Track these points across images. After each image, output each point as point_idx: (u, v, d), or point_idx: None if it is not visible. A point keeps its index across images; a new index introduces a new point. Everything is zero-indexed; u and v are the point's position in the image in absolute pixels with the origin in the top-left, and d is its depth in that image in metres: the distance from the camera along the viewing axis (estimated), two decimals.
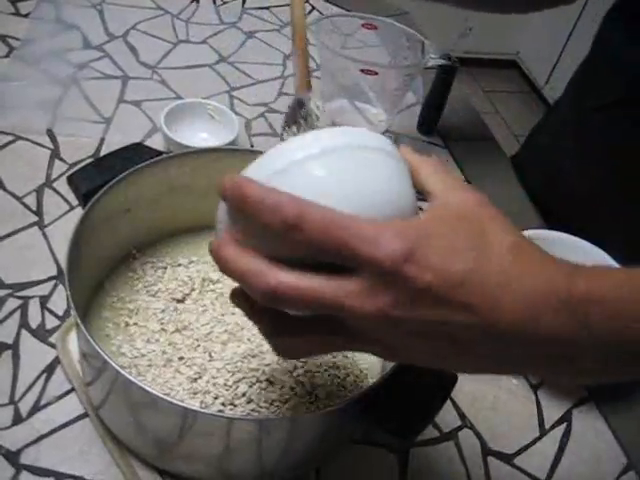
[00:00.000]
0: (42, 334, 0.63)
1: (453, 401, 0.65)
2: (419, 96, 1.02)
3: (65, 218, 0.74)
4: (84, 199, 0.56)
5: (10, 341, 0.62)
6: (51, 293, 0.66)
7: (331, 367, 0.59)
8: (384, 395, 0.48)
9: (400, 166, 0.39)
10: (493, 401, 0.67)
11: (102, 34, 1.03)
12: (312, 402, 0.56)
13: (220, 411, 0.53)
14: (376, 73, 0.87)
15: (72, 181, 0.59)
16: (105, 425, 0.56)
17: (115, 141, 0.84)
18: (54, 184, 0.78)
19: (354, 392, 0.58)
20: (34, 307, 0.65)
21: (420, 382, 0.49)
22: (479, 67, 2.90)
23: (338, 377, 0.59)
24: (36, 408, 0.57)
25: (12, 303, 0.65)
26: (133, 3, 1.11)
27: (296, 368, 0.58)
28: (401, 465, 0.60)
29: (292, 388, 0.56)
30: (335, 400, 0.57)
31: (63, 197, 0.76)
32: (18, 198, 0.75)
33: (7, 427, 0.56)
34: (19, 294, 0.65)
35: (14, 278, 0.67)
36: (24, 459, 0.54)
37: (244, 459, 0.51)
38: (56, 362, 0.61)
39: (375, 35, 0.92)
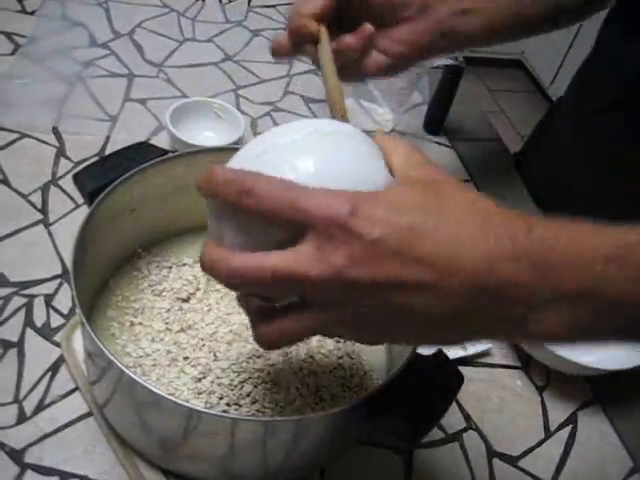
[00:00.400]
0: (47, 332, 0.63)
1: (458, 402, 0.65)
2: (425, 95, 1.02)
3: (70, 216, 0.74)
4: (90, 198, 0.56)
5: (15, 339, 0.62)
6: (56, 291, 0.66)
7: (336, 368, 0.59)
8: (389, 397, 0.48)
9: (368, 149, 0.39)
10: (498, 403, 0.67)
11: (108, 32, 1.03)
12: (317, 403, 0.56)
13: (225, 411, 0.53)
14: None
15: (78, 180, 0.59)
16: (109, 424, 0.55)
17: (120, 139, 0.84)
18: (59, 182, 0.78)
19: (359, 393, 0.58)
20: (39, 305, 0.65)
21: (425, 384, 0.49)
22: (485, 66, 2.89)
23: (343, 378, 0.59)
24: (40, 407, 0.57)
25: (17, 301, 0.65)
26: (139, 1, 1.11)
27: (301, 369, 0.57)
28: (406, 466, 0.60)
29: (297, 389, 0.56)
30: (340, 401, 0.57)
31: (68, 195, 0.76)
32: (23, 196, 0.75)
33: (12, 426, 0.56)
34: (24, 292, 0.65)
35: (19, 276, 0.67)
36: (28, 458, 0.54)
37: (248, 460, 0.51)
38: (61, 361, 0.61)
39: None
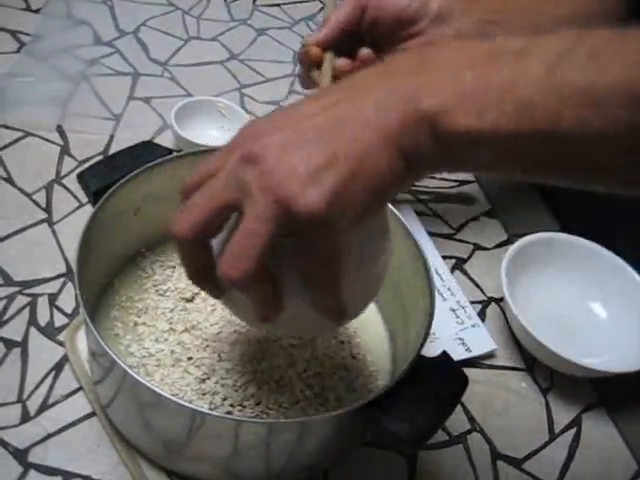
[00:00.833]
0: (51, 332, 0.63)
1: (462, 404, 0.65)
2: None
3: (74, 215, 0.74)
4: (94, 197, 0.56)
5: (19, 339, 0.62)
6: (60, 291, 0.66)
7: (340, 369, 0.59)
8: (394, 399, 0.47)
9: None
10: (502, 404, 0.66)
11: (113, 30, 1.03)
12: (321, 404, 0.55)
13: (229, 412, 0.53)
14: None
15: (82, 179, 0.59)
16: (113, 424, 0.55)
17: (125, 138, 0.84)
18: (63, 181, 0.77)
19: (363, 395, 0.58)
20: (43, 305, 0.65)
21: (430, 386, 0.48)
22: None
23: (347, 379, 0.58)
24: (44, 406, 0.57)
25: (21, 300, 0.64)
26: None
27: (306, 370, 0.57)
28: (410, 468, 0.59)
29: (301, 390, 0.56)
30: (344, 403, 0.56)
31: (72, 194, 0.76)
32: (28, 194, 0.75)
33: (15, 425, 0.56)
34: (28, 291, 0.65)
35: (23, 275, 0.67)
36: (32, 457, 0.54)
37: (252, 461, 0.51)
38: (64, 360, 0.61)
39: None
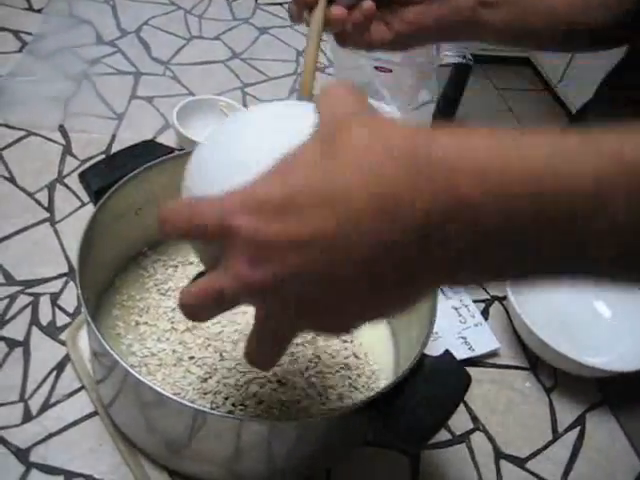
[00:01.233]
0: (52, 331, 0.63)
1: (465, 403, 0.65)
2: (434, 94, 1.01)
3: (76, 214, 0.74)
4: (95, 196, 0.56)
5: (21, 338, 0.62)
6: (62, 290, 0.66)
7: (343, 368, 0.59)
8: (396, 398, 0.47)
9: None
10: (506, 404, 0.66)
11: (115, 30, 1.03)
12: (323, 403, 0.55)
13: (230, 412, 0.53)
14: (390, 70, 0.86)
15: (83, 178, 0.59)
16: (115, 424, 0.55)
17: (127, 137, 0.84)
18: (65, 180, 0.77)
19: (365, 394, 0.58)
20: (45, 304, 0.65)
21: (433, 385, 0.48)
22: (492, 64, 2.88)
23: (350, 378, 0.58)
24: (46, 406, 0.57)
25: (23, 300, 0.64)
26: None
27: (308, 369, 0.57)
28: (412, 468, 0.59)
29: (303, 389, 0.56)
30: (346, 402, 0.56)
31: (74, 193, 0.76)
32: (30, 194, 0.75)
33: (17, 424, 0.56)
34: (30, 291, 0.65)
35: (25, 275, 0.67)
36: (34, 457, 0.54)
37: (254, 460, 0.50)
38: (66, 360, 0.61)
39: None
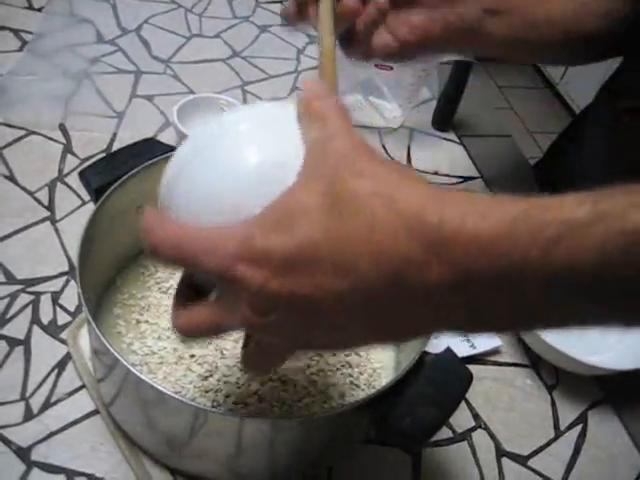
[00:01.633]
0: (53, 330, 0.63)
1: (467, 401, 0.64)
2: (434, 91, 1.01)
3: (77, 213, 0.74)
4: (96, 195, 0.56)
5: (22, 337, 0.61)
6: (63, 289, 0.66)
7: (344, 366, 0.59)
8: (397, 395, 0.47)
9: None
10: (507, 401, 0.66)
11: (115, 28, 1.03)
12: (325, 401, 0.55)
13: (232, 410, 0.53)
14: (391, 68, 0.86)
15: (84, 176, 0.58)
16: (116, 422, 0.55)
17: (127, 136, 0.84)
18: (66, 179, 0.77)
19: (367, 391, 0.58)
20: (45, 303, 0.64)
21: (434, 383, 0.48)
22: (493, 62, 2.88)
23: (351, 376, 0.58)
24: (47, 404, 0.57)
25: (24, 299, 0.64)
26: None
27: (309, 367, 0.57)
28: (414, 465, 0.59)
29: (305, 387, 0.55)
30: (348, 399, 0.56)
31: (75, 192, 0.76)
32: (30, 193, 0.75)
33: (18, 423, 0.56)
34: (30, 290, 0.65)
35: (26, 273, 0.66)
36: (35, 456, 0.54)
37: (255, 458, 0.50)
38: (67, 358, 0.60)
39: None
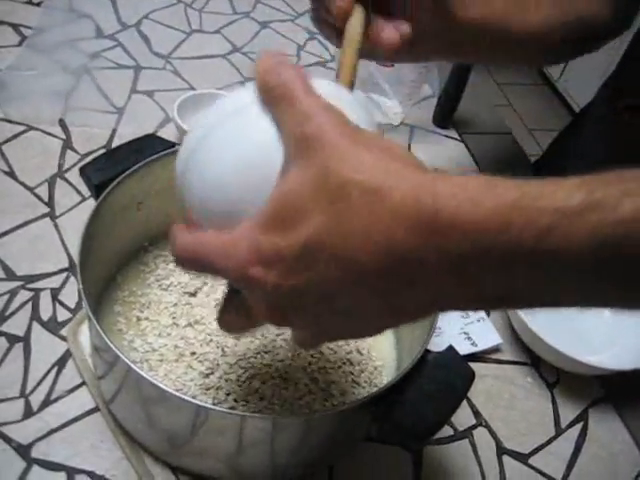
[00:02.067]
0: (53, 327, 0.62)
1: (468, 399, 0.64)
2: (435, 88, 1.01)
3: (77, 209, 0.73)
4: (96, 191, 0.55)
5: (21, 334, 0.61)
6: (62, 285, 0.66)
7: (345, 363, 0.58)
8: (399, 394, 0.47)
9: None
10: (508, 399, 0.66)
11: (115, 23, 1.02)
12: (326, 399, 0.55)
13: (232, 407, 0.53)
14: (392, 65, 0.86)
15: (84, 172, 0.58)
16: (117, 420, 0.55)
17: (127, 132, 0.83)
18: (66, 175, 0.77)
19: (368, 389, 0.58)
20: (45, 299, 0.64)
21: (436, 381, 0.48)
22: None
23: (352, 374, 0.58)
24: (47, 402, 0.57)
25: (23, 295, 0.64)
26: None
27: (310, 364, 0.57)
28: (415, 463, 0.59)
29: (306, 385, 0.55)
30: (349, 397, 0.56)
31: (75, 188, 0.76)
32: (30, 188, 0.75)
33: (18, 420, 0.55)
34: (30, 286, 0.65)
35: (25, 270, 0.66)
36: (35, 453, 0.54)
37: (256, 456, 0.50)
38: (67, 355, 0.60)
39: None
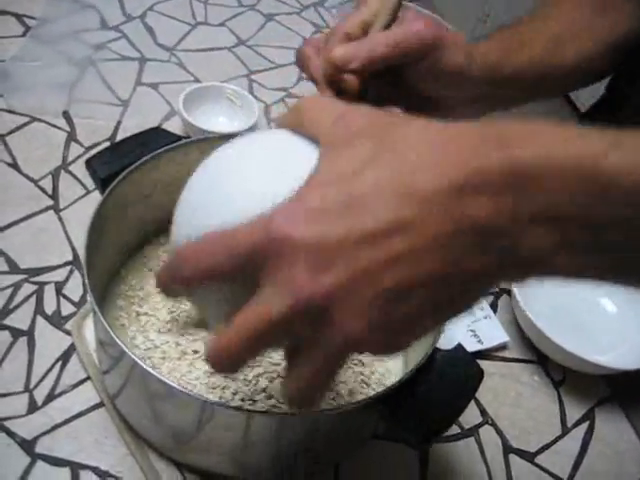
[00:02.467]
0: (57, 321, 0.62)
1: (474, 397, 0.64)
2: None
3: (81, 202, 0.73)
4: (102, 184, 0.55)
5: (25, 327, 0.61)
6: (67, 279, 0.65)
7: (356, 364, 0.58)
8: (407, 393, 0.46)
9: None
10: (515, 397, 0.66)
11: (119, 14, 1.01)
12: (333, 398, 0.55)
13: (239, 407, 0.52)
14: None
15: (90, 166, 0.58)
16: (121, 415, 0.54)
17: (132, 124, 0.83)
18: (70, 167, 0.76)
19: (377, 390, 0.57)
20: (49, 293, 0.64)
21: (445, 380, 0.47)
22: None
23: (362, 374, 0.57)
24: (51, 396, 0.56)
25: (27, 288, 0.63)
26: None
27: None
28: (421, 461, 0.59)
29: None
30: (357, 397, 0.55)
31: (79, 180, 0.75)
32: (34, 181, 0.74)
33: (22, 415, 0.55)
34: (34, 279, 0.64)
35: (29, 263, 0.66)
36: (39, 448, 0.53)
37: (262, 454, 0.50)
38: (72, 349, 0.60)
39: None
